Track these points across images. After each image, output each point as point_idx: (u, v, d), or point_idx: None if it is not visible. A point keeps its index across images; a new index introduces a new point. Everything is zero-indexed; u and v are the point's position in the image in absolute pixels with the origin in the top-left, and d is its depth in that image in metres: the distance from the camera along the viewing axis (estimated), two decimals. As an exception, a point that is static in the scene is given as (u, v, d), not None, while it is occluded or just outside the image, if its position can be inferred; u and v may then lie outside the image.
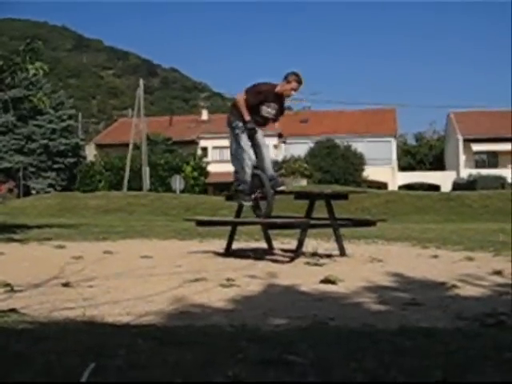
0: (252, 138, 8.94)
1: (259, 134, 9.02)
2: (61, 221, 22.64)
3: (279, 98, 9.03)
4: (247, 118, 8.78)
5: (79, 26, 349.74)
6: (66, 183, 54.01)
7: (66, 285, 6.02)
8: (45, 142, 53.18)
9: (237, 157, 9.05)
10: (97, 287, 5.95)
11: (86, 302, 5.11)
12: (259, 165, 8.99)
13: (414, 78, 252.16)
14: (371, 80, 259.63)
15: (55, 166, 54.00)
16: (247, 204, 9.16)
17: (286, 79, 8.92)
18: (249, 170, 8.91)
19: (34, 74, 16.33)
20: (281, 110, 9.14)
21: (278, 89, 8.94)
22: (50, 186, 53.03)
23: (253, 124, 8.85)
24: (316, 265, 7.82)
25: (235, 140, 9.00)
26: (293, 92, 9.01)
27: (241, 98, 8.88)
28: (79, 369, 2.59)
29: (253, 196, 9.03)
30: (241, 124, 8.87)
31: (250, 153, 8.90)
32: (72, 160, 54.68)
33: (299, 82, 8.96)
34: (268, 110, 8.97)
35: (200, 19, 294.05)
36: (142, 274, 6.98)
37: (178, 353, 2.99)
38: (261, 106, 8.91)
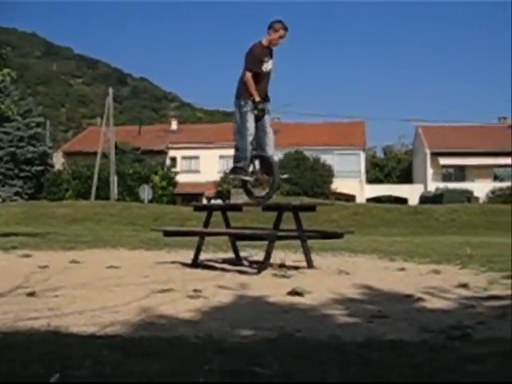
0: (260, 119, 8.95)
1: (267, 118, 9.04)
2: (27, 229, 22.40)
3: (270, 49, 9.02)
4: (257, 98, 8.76)
5: (49, 33, 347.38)
6: (33, 191, 53.43)
7: (31, 294, 5.96)
8: (12, 149, 52.58)
9: (240, 133, 8.99)
10: (62, 297, 5.90)
11: (52, 311, 5.06)
12: (265, 148, 9.02)
13: (384, 92, 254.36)
14: (342, 93, 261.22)
15: (22, 174, 53.41)
16: (249, 179, 9.15)
17: (273, 28, 8.88)
18: (250, 149, 8.91)
19: (2, 81, 16.18)
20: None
21: (267, 42, 8.93)
22: (17, 194, 52.41)
23: (263, 105, 8.89)
24: (283, 276, 7.82)
25: (241, 117, 8.90)
26: (280, 40, 8.97)
27: (249, 77, 8.78)
28: (44, 379, 2.56)
29: (254, 176, 9.09)
30: (250, 103, 8.83)
31: (253, 132, 8.89)
32: (39, 168, 54.12)
33: (285, 29, 8.93)
34: (266, 66, 8.95)
35: (171, 29, 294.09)
36: (108, 284, 6.93)
37: (144, 364, 2.97)
38: (261, 67, 8.92)
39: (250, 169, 9.10)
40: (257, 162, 9.12)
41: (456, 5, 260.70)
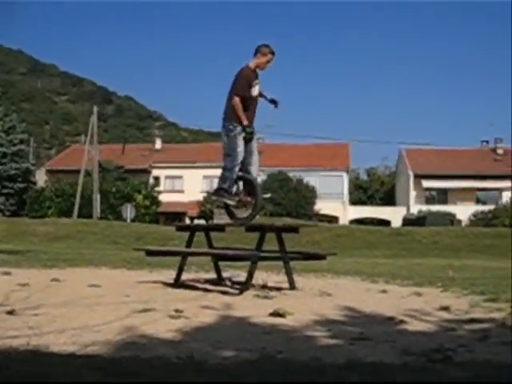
0: (248, 142, 8.94)
1: (254, 141, 9.05)
2: (8, 247, 22.25)
3: (256, 73, 9.02)
4: (245, 122, 8.74)
5: (35, 50, 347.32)
6: (15, 208, 53.19)
7: (10, 312, 5.91)
8: (-5, 166, 52.45)
9: (230, 156, 8.94)
10: (42, 315, 5.85)
11: (31, 330, 5.02)
12: (249, 170, 9.02)
13: (368, 114, 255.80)
14: (326, 114, 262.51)
15: (4, 191, 53.19)
16: (231, 203, 9.11)
17: (260, 52, 8.90)
18: (237, 170, 8.90)
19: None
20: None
21: (254, 65, 8.93)
22: (-1, 210, 52.20)
23: (252, 128, 8.88)
24: (265, 297, 7.81)
25: (230, 141, 8.85)
26: (268, 65, 9.00)
27: (237, 101, 8.75)
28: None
29: (236, 198, 9.06)
30: (239, 127, 8.80)
31: (241, 155, 8.88)
32: (22, 185, 53.93)
33: (273, 53, 8.97)
34: (254, 90, 8.95)
35: (157, 48, 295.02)
36: (89, 303, 6.88)
37: (124, 384, 2.95)
38: (250, 91, 8.91)
39: (234, 190, 9.10)
40: (240, 183, 9.13)
41: (440, 26, 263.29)
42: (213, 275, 10.16)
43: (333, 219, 54.57)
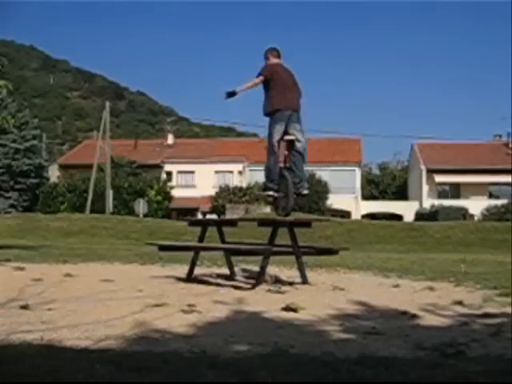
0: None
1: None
2: (21, 242, 22.34)
3: None
4: None
5: (47, 46, 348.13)
6: (28, 204, 53.33)
7: (24, 307, 5.94)
8: (8, 161, 52.51)
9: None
10: (56, 310, 5.88)
11: (45, 325, 5.04)
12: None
13: (381, 109, 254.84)
14: (338, 109, 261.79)
15: (17, 187, 53.33)
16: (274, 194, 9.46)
17: (272, 54, 9.33)
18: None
19: (-1, 93, 16.19)
20: None
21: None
22: (12, 206, 52.31)
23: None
24: (278, 292, 7.81)
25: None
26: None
27: None
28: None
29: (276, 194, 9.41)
30: None
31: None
32: (35, 181, 54.04)
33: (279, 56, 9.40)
34: None
35: (169, 43, 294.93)
36: (102, 297, 6.91)
37: (137, 378, 2.96)
38: None
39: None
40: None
41: (452, 21, 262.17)
42: (225, 270, 10.16)
43: (345, 214, 54.45)
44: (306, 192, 9.52)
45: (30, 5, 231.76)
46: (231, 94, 9.18)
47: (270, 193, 9.44)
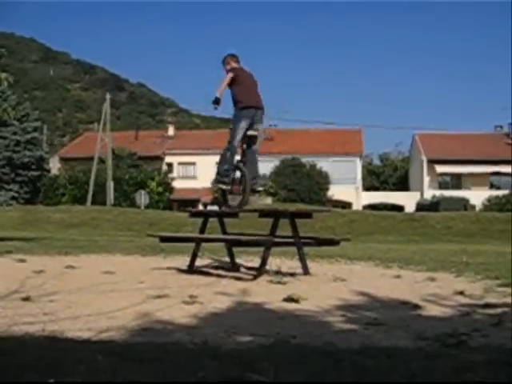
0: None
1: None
2: (22, 234, 22.36)
3: None
4: None
5: (47, 38, 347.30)
6: (30, 196, 53.29)
7: (26, 299, 5.95)
8: (8, 153, 52.45)
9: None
10: (58, 302, 5.88)
11: (47, 316, 5.05)
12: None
13: (381, 99, 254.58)
14: (339, 100, 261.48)
15: (18, 179, 53.27)
16: (226, 188, 9.52)
17: (232, 59, 9.60)
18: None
19: (-1, 85, 16.17)
20: None
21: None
22: (13, 198, 52.26)
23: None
24: (279, 283, 7.81)
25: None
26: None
27: None
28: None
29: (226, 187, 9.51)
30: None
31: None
32: (36, 173, 53.99)
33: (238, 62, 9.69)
34: None
35: (169, 35, 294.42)
36: (104, 289, 6.92)
37: (139, 370, 2.97)
38: None
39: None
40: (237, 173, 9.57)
41: (454, 12, 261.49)
42: (226, 261, 10.17)
43: (346, 205, 54.42)
44: (259, 189, 9.82)
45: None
46: (216, 102, 9.37)
47: (222, 186, 9.59)
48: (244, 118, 9.23)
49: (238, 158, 9.65)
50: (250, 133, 9.35)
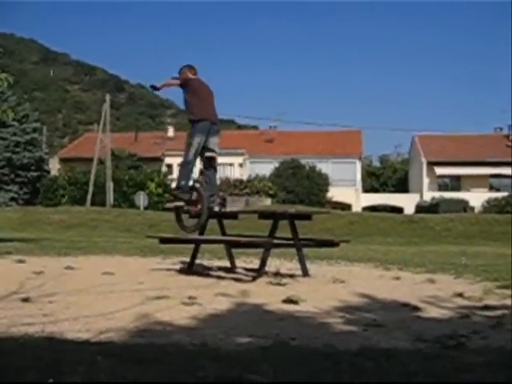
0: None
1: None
2: (22, 235, 22.35)
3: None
4: None
5: (47, 39, 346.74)
6: (29, 197, 53.28)
7: (25, 300, 5.95)
8: (8, 154, 52.43)
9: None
10: (57, 303, 5.89)
11: (46, 317, 5.05)
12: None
13: (381, 101, 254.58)
14: (338, 101, 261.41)
15: (18, 180, 53.27)
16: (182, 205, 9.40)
17: (190, 71, 9.80)
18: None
19: (-1, 86, 16.17)
20: None
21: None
22: (13, 199, 52.25)
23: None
24: (278, 284, 7.82)
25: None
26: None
27: None
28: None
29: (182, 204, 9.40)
30: None
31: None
32: (35, 174, 53.98)
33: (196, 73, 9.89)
34: None
35: (168, 36, 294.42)
36: (103, 290, 6.92)
37: (138, 371, 2.97)
38: None
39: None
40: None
41: (453, 14, 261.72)
42: (226, 262, 10.17)
43: (346, 206, 54.39)
44: (216, 209, 9.55)
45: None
46: (154, 87, 9.72)
47: (179, 203, 9.46)
48: (199, 133, 9.24)
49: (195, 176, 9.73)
50: (208, 154, 9.42)
